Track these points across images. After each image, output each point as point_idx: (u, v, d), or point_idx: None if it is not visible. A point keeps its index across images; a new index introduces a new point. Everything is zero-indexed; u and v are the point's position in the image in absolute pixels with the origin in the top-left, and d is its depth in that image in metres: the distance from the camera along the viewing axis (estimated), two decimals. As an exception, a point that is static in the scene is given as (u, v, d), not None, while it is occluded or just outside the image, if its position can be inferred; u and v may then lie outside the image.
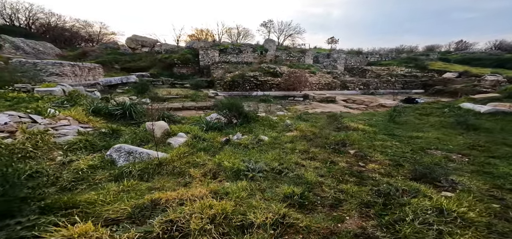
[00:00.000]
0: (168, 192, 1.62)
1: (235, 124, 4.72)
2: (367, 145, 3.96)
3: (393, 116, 5.87)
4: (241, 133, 4.25)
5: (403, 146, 3.95)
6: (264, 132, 4.51)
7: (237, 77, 12.30)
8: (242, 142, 3.62)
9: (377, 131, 4.91)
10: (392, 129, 5.13)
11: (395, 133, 4.72)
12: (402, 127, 5.31)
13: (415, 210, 1.80)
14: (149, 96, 7.42)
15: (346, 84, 15.24)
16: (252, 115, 5.34)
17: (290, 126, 5.02)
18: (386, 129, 5.12)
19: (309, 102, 11.87)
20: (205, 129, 3.97)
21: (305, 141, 4.11)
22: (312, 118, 6.30)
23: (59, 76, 7.00)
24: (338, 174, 2.78)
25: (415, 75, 16.84)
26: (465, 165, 3.00)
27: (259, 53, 18.75)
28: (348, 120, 5.80)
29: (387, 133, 4.78)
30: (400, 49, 29.90)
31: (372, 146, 3.92)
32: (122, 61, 14.64)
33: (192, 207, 1.43)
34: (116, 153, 2.19)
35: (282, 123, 5.37)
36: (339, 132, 4.84)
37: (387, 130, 5.03)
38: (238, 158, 2.89)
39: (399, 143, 4.10)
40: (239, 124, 4.72)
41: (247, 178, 2.39)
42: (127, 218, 1.30)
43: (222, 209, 1.53)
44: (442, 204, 1.82)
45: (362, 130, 4.94)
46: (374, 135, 4.60)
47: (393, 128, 5.18)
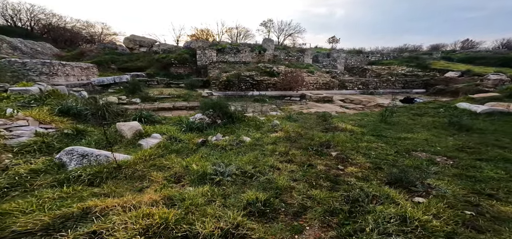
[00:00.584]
0: (109, 199, 1.52)
1: (219, 124, 4.63)
2: (351, 147, 3.82)
3: (384, 116, 5.68)
4: (222, 134, 4.15)
5: (389, 147, 3.79)
6: (248, 133, 4.40)
7: (233, 77, 12.21)
8: (220, 143, 3.52)
9: (365, 132, 4.75)
10: (381, 130, 4.96)
11: (383, 134, 4.55)
12: (393, 128, 5.13)
13: (377, 219, 1.67)
14: (139, 96, 7.39)
15: (344, 83, 14.99)
16: (239, 115, 5.23)
17: (276, 127, 4.90)
18: (375, 129, 4.95)
19: (305, 102, 11.71)
20: (185, 130, 3.88)
21: (288, 143, 3.99)
22: (303, 119, 6.16)
23: (49, 76, 7.04)
24: (312, 178, 2.66)
25: (416, 74, 16.46)
26: (448, 168, 2.83)
27: (257, 53, 18.63)
28: (338, 120, 5.65)
29: (375, 134, 4.62)
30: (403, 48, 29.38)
31: (356, 148, 3.78)
32: (120, 61, 14.72)
33: (125, 216, 1.33)
34: (67, 156, 2.10)
35: (269, 123, 5.25)
36: (326, 133, 4.70)
37: (376, 130, 4.86)
38: (210, 161, 2.79)
39: (385, 145, 3.94)
40: (223, 124, 4.62)
41: (212, 182, 2.28)
42: (42, 230, 1.19)
43: (162, 219, 1.43)
44: (406, 211, 1.69)
45: (350, 131, 4.78)
46: (361, 136, 4.44)
47: (382, 129, 5.01)
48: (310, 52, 20.35)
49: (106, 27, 27.89)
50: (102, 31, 27.16)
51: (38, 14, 19.29)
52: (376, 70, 17.92)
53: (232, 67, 15.59)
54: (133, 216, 1.34)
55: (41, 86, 3.95)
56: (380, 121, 5.65)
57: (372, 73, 17.69)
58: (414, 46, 30.24)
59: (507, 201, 1.92)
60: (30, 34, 18.36)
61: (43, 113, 3.01)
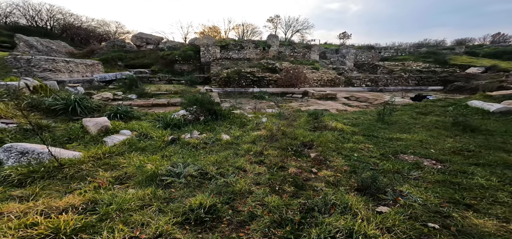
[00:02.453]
0: (12, 203, 1.46)
1: (201, 121, 4.54)
2: (334, 148, 3.55)
3: (382, 114, 5.25)
4: (200, 131, 4.05)
5: (376, 149, 3.47)
6: (229, 131, 4.28)
7: (233, 73, 12.11)
8: (193, 141, 3.42)
9: (356, 132, 4.41)
10: (375, 129, 4.58)
11: (376, 134, 4.19)
12: (390, 128, 4.72)
13: (321, 234, 1.46)
14: (136, 92, 7.55)
15: (351, 80, 14.27)
16: (224, 112, 5.12)
17: (260, 125, 4.72)
18: (369, 129, 4.58)
19: (307, 99, 11.32)
20: (160, 127, 3.84)
21: (268, 141, 3.81)
22: (295, 116, 5.90)
23: (52, 72, 7.44)
24: (277, 182, 2.47)
25: (433, 70, 15.20)
26: (433, 173, 2.49)
27: (261, 49, 18.34)
28: (330, 118, 5.32)
29: (367, 133, 4.27)
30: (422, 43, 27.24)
31: (340, 149, 3.51)
32: (127, 58, 15.24)
33: (8, 224, 1.24)
34: (5, 154, 2.08)
35: (257, 120, 5.08)
36: (313, 132, 4.44)
37: (369, 130, 4.49)
38: (172, 160, 2.69)
39: (373, 146, 3.61)
40: (204, 122, 4.53)
41: (161, 184, 2.17)
42: None
43: (50, 229, 1.29)
44: (355, 225, 1.46)
45: (340, 130, 4.47)
46: (350, 136, 4.13)
47: (377, 129, 4.62)
48: (317, 48, 19.62)
49: (120, 26, 29.13)
50: (117, 30, 28.40)
51: (57, 14, 20.55)
52: (389, 66, 16.83)
53: (235, 64, 15.49)
54: (15, 226, 1.25)
55: (28, 81, 4.13)
56: (378, 120, 5.23)
57: (383, 69, 16.66)
58: (436, 41, 27.88)
59: (486, 213, 1.61)
60: (49, 34, 19.65)
61: (7, 108, 3.10)
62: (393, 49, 22.86)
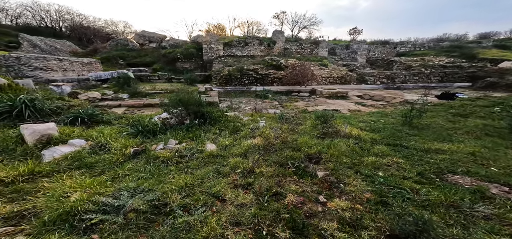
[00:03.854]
0: None
1: (184, 126, 3.79)
2: (351, 163, 2.67)
3: (409, 117, 4.24)
4: (180, 139, 3.29)
5: (409, 165, 2.54)
6: (217, 138, 3.49)
7: (235, 71, 11.34)
8: (164, 154, 2.66)
9: (378, 140, 3.46)
10: (402, 136, 3.60)
11: (404, 144, 3.23)
12: (421, 134, 3.71)
13: None
14: (128, 91, 7.00)
15: (364, 77, 13.04)
16: (216, 115, 4.32)
17: (257, 131, 3.88)
18: (393, 136, 3.61)
19: (315, 98, 10.32)
20: (130, 134, 3.13)
21: (263, 154, 2.99)
22: (300, 118, 5.01)
23: (43, 71, 7.08)
24: (267, 221, 1.67)
25: (459, 65, 13.58)
26: None
27: (266, 46, 17.46)
28: (342, 122, 4.38)
29: (392, 142, 3.32)
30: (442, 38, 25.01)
31: (358, 165, 2.62)
32: (129, 56, 14.96)
33: None
34: None
35: (253, 125, 4.25)
36: (322, 140, 3.56)
37: (395, 137, 3.53)
38: (124, 183, 1.95)
39: (404, 161, 2.68)
40: (189, 126, 3.77)
41: (80, 227, 1.41)
42: None
43: None
44: None
45: (356, 138, 3.55)
46: (370, 146, 3.20)
47: (404, 136, 3.64)
48: (326, 44, 18.40)
49: (127, 25, 29.39)
50: (124, 29, 28.66)
51: (65, 15, 20.85)
52: (406, 62, 15.34)
53: (238, 61, 14.74)
54: None
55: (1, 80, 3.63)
56: (403, 124, 4.23)
57: (400, 65, 15.19)
58: (457, 35, 25.44)
59: None
60: (58, 34, 19.94)
61: None
62: (410, 44, 21.08)
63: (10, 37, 15.74)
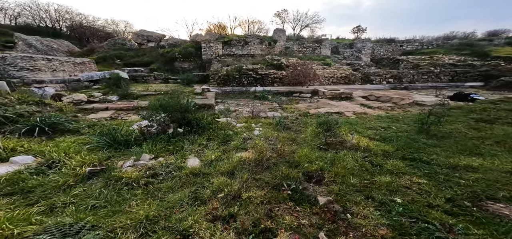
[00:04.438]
0: None
1: (168, 135, 3.32)
2: (360, 184, 2.17)
3: (426, 123, 3.69)
4: (158, 152, 2.82)
5: (434, 189, 2.03)
6: (203, 151, 3.02)
7: (233, 71, 10.86)
8: (128, 175, 2.17)
9: (391, 152, 2.94)
10: (421, 148, 3.07)
11: (425, 158, 2.70)
12: (441, 145, 3.17)
13: None
14: (118, 93, 6.58)
15: (369, 77, 12.41)
16: (205, 121, 3.82)
17: (250, 141, 3.39)
18: (409, 147, 3.08)
19: (317, 99, 9.78)
20: (99, 146, 2.68)
21: (254, 172, 2.51)
22: (300, 125, 4.50)
23: (30, 71, 6.73)
24: None
25: (470, 64, 12.84)
26: None
27: (267, 45, 16.93)
28: (348, 129, 3.85)
29: (409, 156, 2.80)
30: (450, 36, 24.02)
31: (369, 186, 2.12)
32: (127, 56, 14.61)
33: None
34: None
35: (246, 133, 3.74)
36: (325, 152, 3.07)
37: (411, 149, 3.00)
38: (52, 220, 1.48)
39: (428, 181, 2.17)
40: (173, 135, 3.30)
41: None
42: None
43: None
44: None
45: (365, 149, 3.03)
46: (383, 161, 2.69)
47: (423, 147, 3.10)
48: (328, 42, 17.78)
49: (129, 25, 29.23)
50: (125, 29, 28.50)
51: (64, 14, 20.68)
52: (413, 60, 14.63)
53: (238, 60, 14.27)
54: None
55: None
56: (419, 132, 3.68)
57: (407, 64, 14.49)
58: (464, 33, 24.32)
59: None
60: (57, 33, 19.79)
61: None
62: (418, 42, 20.27)
63: (7, 36, 15.58)
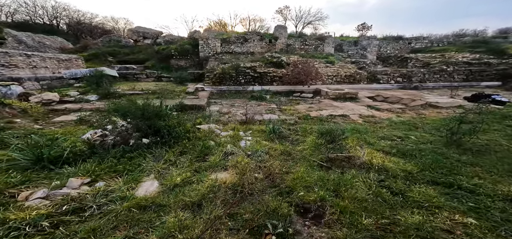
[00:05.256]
0: None
1: (129, 147, 2.64)
2: (376, 226, 1.47)
3: (455, 132, 2.94)
4: (98, 174, 2.13)
5: (490, 235, 1.30)
6: (169, 170, 2.34)
7: (230, 69, 10.17)
8: (28, 213, 1.50)
9: (414, 173, 2.22)
10: (453, 167, 2.33)
11: (464, 183, 1.97)
12: (481, 162, 2.43)
13: None
14: (99, 92, 5.97)
15: (375, 75, 11.58)
16: (180, 130, 3.09)
17: (231, 157, 2.68)
18: (438, 165, 2.35)
19: (319, 99, 9.03)
20: (23, 165, 2.03)
21: (231, 204, 1.83)
22: (298, 133, 3.78)
23: (6, 68, 6.18)
24: None
25: (486, 62, 11.89)
26: None
27: (267, 42, 16.18)
28: (356, 139, 3.12)
29: (439, 179, 2.08)
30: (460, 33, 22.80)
31: (390, 230, 1.42)
32: (121, 53, 14.07)
33: None
34: None
35: (231, 146, 3.01)
36: (328, 171, 2.38)
37: (441, 169, 2.27)
38: None
39: (478, 221, 1.45)
40: (134, 147, 2.63)
41: None
42: None
43: None
44: None
45: (380, 169, 2.32)
46: (406, 186, 1.99)
47: (457, 165, 2.36)
48: (332, 40, 16.93)
49: (128, 22, 28.78)
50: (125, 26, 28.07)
51: (62, 11, 20.29)
52: (423, 58, 13.70)
53: (236, 58, 13.57)
54: None
55: None
56: (447, 144, 2.94)
57: (416, 62, 13.58)
58: (475, 31, 22.96)
59: None
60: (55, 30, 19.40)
61: None
62: (427, 40, 19.23)
63: (1, 33, 15.21)
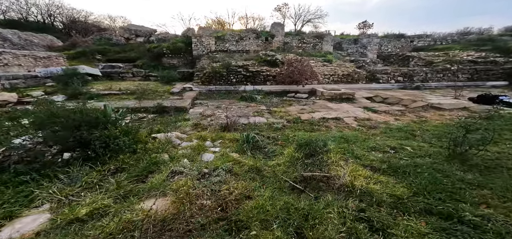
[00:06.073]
0: None
1: (14, 169, 2.12)
2: None
3: (458, 143, 2.43)
4: None
5: None
6: (85, 194, 1.85)
7: (220, 68, 9.68)
8: None
9: (405, 199, 1.72)
10: (456, 189, 1.81)
11: (468, 215, 1.46)
12: (491, 183, 1.91)
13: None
14: (68, 92, 5.50)
15: (375, 75, 11.01)
16: (130, 140, 2.56)
17: (179, 177, 2.19)
18: (436, 187, 1.84)
19: (313, 100, 8.52)
20: None
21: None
22: (278, 140, 3.29)
23: (-28, 66, 5.79)
24: None
25: (493, 60, 11.24)
26: None
27: (263, 40, 15.65)
28: (342, 151, 2.62)
29: (438, 208, 1.56)
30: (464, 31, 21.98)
31: None
32: (112, 51, 13.64)
33: None
34: None
35: (186, 161, 2.50)
36: (298, 197, 1.91)
37: (442, 194, 1.76)
38: None
39: None
40: (46, 165, 2.12)
41: None
42: None
43: None
44: None
45: (363, 193, 1.82)
46: (392, 219, 1.48)
47: (460, 188, 1.85)
48: (331, 38, 16.33)
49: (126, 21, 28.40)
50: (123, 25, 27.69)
51: (55, 9, 19.96)
52: (426, 57, 13.07)
53: (231, 57, 13.07)
54: None
55: None
56: (449, 157, 2.43)
57: (418, 61, 12.96)
58: (480, 29, 22.01)
59: None
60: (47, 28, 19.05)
61: None
62: (430, 38, 18.53)
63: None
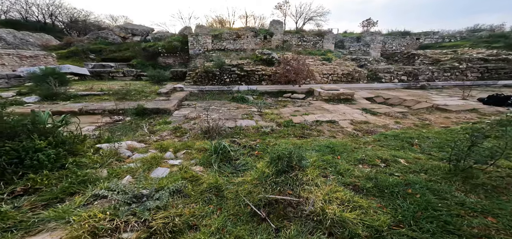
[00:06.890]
0: None
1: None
2: None
3: (465, 157, 1.97)
4: None
5: None
6: None
7: (213, 67, 9.32)
8: None
9: (384, 229, 1.28)
10: (454, 218, 1.36)
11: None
12: (496, 205, 1.45)
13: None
14: (43, 93, 5.21)
15: (377, 74, 10.43)
16: (59, 152, 1.98)
17: (102, 200, 1.82)
18: (427, 214, 1.38)
19: (309, 101, 8.06)
20: None
21: None
22: (253, 152, 2.89)
23: (-50, 66, 5.63)
24: None
25: (505, 58, 10.48)
26: None
27: (262, 38, 15.21)
28: (323, 166, 2.19)
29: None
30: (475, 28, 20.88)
31: None
32: (107, 50, 13.50)
33: None
34: None
35: (124, 178, 2.12)
36: (257, 229, 1.48)
37: (434, 223, 1.31)
38: None
39: None
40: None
41: None
42: None
43: None
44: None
45: (335, 223, 1.39)
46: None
47: (458, 216, 1.39)
48: (332, 35, 15.74)
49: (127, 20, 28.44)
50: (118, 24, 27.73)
51: (55, 9, 20.04)
52: (432, 55, 12.37)
53: (227, 55, 12.71)
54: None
55: None
56: (450, 173, 1.97)
57: (425, 59, 12.28)
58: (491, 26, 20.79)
59: None
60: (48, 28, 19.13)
61: None
62: (437, 35, 17.67)
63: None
